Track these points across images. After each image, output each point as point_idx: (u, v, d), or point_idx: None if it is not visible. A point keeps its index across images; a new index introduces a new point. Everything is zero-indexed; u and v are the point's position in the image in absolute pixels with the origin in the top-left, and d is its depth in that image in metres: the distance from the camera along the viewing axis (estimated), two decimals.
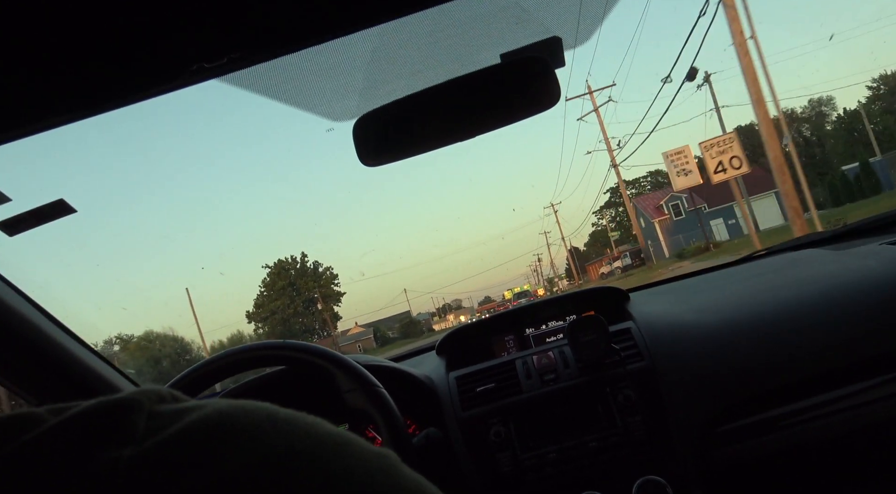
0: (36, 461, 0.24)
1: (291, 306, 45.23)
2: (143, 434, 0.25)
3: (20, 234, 0.91)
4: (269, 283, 46.42)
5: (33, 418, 0.26)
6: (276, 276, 46.35)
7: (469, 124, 0.85)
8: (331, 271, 48.29)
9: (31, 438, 0.25)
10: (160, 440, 0.25)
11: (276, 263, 46.98)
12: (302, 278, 46.76)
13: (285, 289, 45.67)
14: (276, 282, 46.05)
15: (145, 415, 0.26)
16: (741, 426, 1.11)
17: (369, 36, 0.70)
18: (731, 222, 32.24)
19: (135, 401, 0.27)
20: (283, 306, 44.87)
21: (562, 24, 0.92)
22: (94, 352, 1.11)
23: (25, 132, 0.69)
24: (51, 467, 0.24)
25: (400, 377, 1.20)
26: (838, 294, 1.19)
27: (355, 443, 0.28)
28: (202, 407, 0.27)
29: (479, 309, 59.68)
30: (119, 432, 0.25)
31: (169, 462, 0.24)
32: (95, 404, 0.27)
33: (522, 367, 1.25)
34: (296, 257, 48.15)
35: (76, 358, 1.05)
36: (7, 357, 0.96)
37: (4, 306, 0.93)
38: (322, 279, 47.50)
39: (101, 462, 0.24)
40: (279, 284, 45.87)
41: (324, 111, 0.92)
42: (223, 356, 0.99)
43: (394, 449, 0.90)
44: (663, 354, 1.19)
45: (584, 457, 1.11)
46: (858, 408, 1.09)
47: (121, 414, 0.26)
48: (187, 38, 0.59)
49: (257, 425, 0.26)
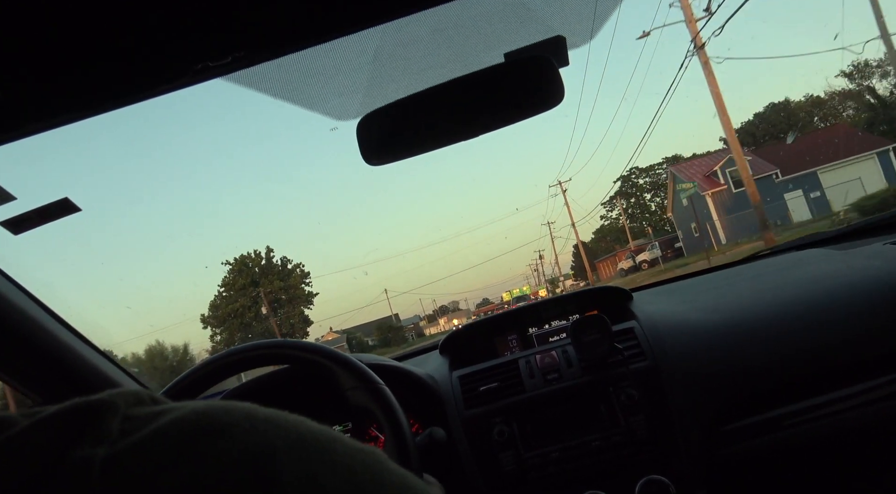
0: (6, 462, 0.24)
1: (253, 309, 38.63)
2: (116, 435, 0.25)
3: (25, 232, 0.92)
4: (228, 281, 39.88)
5: (6, 420, 0.26)
6: (236, 273, 39.87)
7: (472, 123, 0.85)
8: (301, 269, 41.81)
9: (2, 439, 0.25)
10: (134, 440, 0.25)
11: (238, 258, 40.31)
12: (266, 276, 40.17)
13: (246, 289, 39.13)
14: (236, 280, 39.49)
15: (120, 417, 0.26)
16: (745, 425, 1.11)
17: (373, 35, 0.70)
18: (814, 194, 23.19)
19: (110, 403, 0.27)
20: (243, 309, 38.34)
21: (566, 24, 0.92)
22: (99, 351, 1.11)
23: (31, 131, 0.70)
24: (23, 467, 0.24)
25: (403, 376, 1.21)
26: (843, 294, 1.18)
27: (339, 440, 0.28)
28: (179, 408, 0.27)
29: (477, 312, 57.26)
30: (92, 432, 0.25)
31: (143, 461, 0.24)
32: (70, 405, 0.26)
33: (525, 366, 1.25)
34: (260, 253, 40.88)
35: (81, 356, 1.05)
36: (11, 355, 0.96)
37: (9, 304, 0.93)
38: (290, 278, 40.73)
39: (73, 462, 0.23)
40: (239, 282, 39.26)
41: (327, 110, 0.92)
42: (225, 355, 0.99)
43: (396, 448, 0.89)
44: (666, 353, 1.18)
45: (587, 456, 1.11)
46: (863, 407, 1.08)
47: (94, 415, 0.26)
48: (192, 37, 0.59)
49: (234, 424, 0.26)
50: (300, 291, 40.94)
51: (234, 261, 40.18)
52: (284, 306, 40.18)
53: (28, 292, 0.99)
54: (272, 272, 40.44)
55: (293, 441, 0.26)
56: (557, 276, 46.87)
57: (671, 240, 33.28)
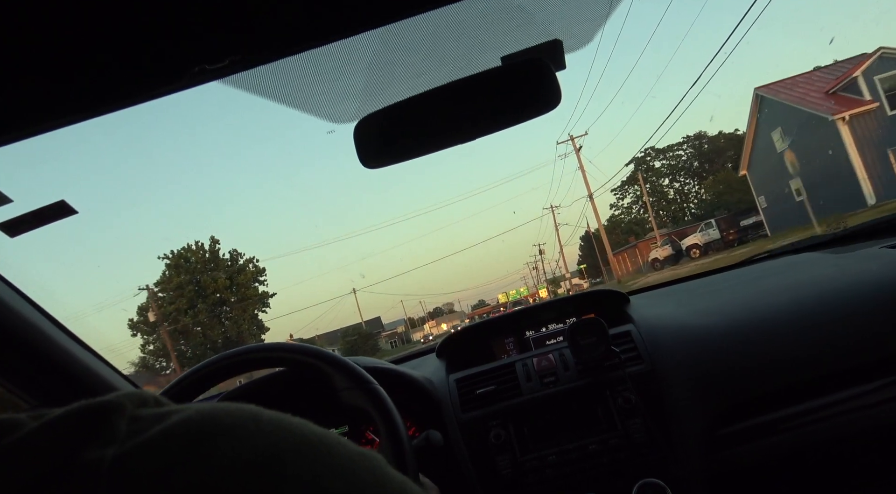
0: (16, 463, 0.24)
1: (191, 313, 30.88)
2: (124, 435, 0.25)
3: (21, 235, 0.92)
4: (163, 279, 31.73)
5: (13, 422, 0.26)
6: (173, 269, 31.86)
7: (470, 127, 0.85)
8: (255, 264, 33.67)
9: (11, 441, 0.25)
10: (142, 441, 0.25)
11: (177, 252, 32.19)
12: (210, 272, 31.90)
13: (184, 288, 31.23)
14: (172, 278, 31.48)
15: (127, 418, 0.26)
16: (742, 428, 1.11)
17: (370, 38, 0.70)
18: None
19: (116, 404, 0.27)
20: (178, 312, 30.69)
21: (563, 27, 0.92)
22: (95, 354, 1.11)
23: (27, 133, 0.70)
24: (32, 468, 0.24)
25: (400, 379, 1.20)
26: (838, 298, 1.19)
27: (341, 444, 0.28)
28: (185, 410, 0.27)
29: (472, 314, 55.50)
30: (101, 433, 0.25)
31: (152, 461, 0.24)
32: (77, 407, 0.27)
33: (522, 369, 1.25)
34: (202, 244, 32.40)
35: (77, 360, 1.05)
36: (7, 358, 0.96)
37: (5, 307, 0.93)
38: (240, 274, 32.86)
39: (83, 463, 0.24)
40: (176, 280, 31.27)
41: (325, 113, 0.92)
42: (220, 358, 0.99)
43: (393, 450, 0.89)
44: (663, 357, 1.19)
45: (584, 460, 1.11)
46: (859, 411, 1.09)
47: (102, 416, 0.26)
48: (189, 40, 0.60)
49: (240, 425, 0.26)
50: (252, 290, 33.43)
51: (172, 254, 32.20)
52: (233, 307, 32.66)
53: (24, 294, 0.99)
54: (218, 267, 32.71)
55: (297, 443, 0.27)
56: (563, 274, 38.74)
57: (735, 217, 24.59)
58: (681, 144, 43.25)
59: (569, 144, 26.19)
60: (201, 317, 30.98)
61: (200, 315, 30.98)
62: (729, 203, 30.06)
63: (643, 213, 44.31)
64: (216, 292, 31.53)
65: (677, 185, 45.06)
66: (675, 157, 43.94)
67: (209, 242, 32.75)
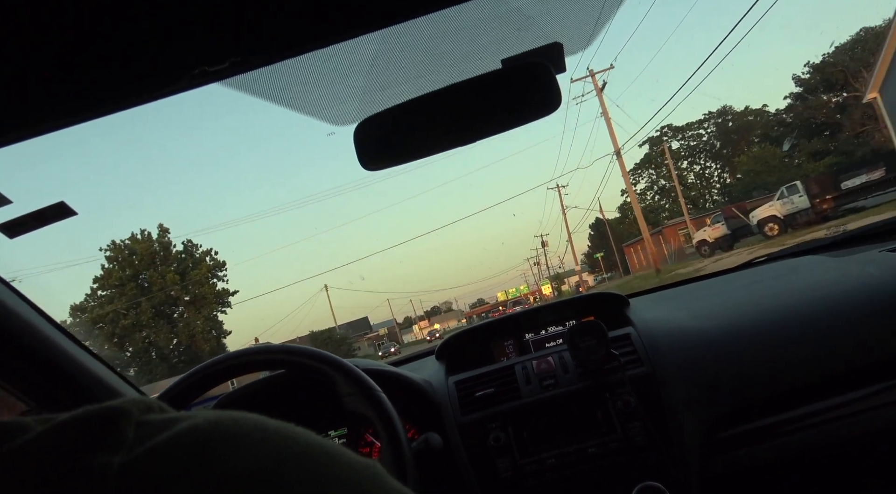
0: (22, 467, 0.24)
1: (132, 314, 25.96)
2: (132, 441, 0.25)
3: (20, 236, 0.91)
4: (103, 275, 26.92)
5: (19, 426, 0.26)
6: (115, 262, 27.14)
7: (469, 129, 0.85)
8: (213, 256, 28.33)
9: (17, 445, 0.25)
10: (150, 447, 0.25)
11: (120, 243, 27.11)
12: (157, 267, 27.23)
13: (125, 285, 26.58)
14: (112, 273, 26.78)
15: (134, 424, 0.27)
16: (741, 432, 1.11)
17: (371, 40, 0.70)
18: None
19: (123, 410, 0.27)
20: (117, 314, 25.86)
21: (563, 30, 0.92)
22: (97, 357, 1.11)
23: (27, 134, 0.69)
24: (38, 473, 0.24)
25: (399, 381, 1.20)
26: (838, 301, 1.19)
27: (343, 454, 0.28)
28: (191, 417, 0.27)
29: (469, 313, 54.45)
30: (108, 439, 0.25)
31: (159, 469, 0.24)
32: (83, 412, 0.27)
33: (522, 372, 1.25)
34: (149, 233, 27.83)
35: (78, 363, 1.05)
36: (6, 360, 0.96)
37: (5, 309, 0.93)
38: (194, 269, 27.93)
39: (90, 468, 0.24)
40: (116, 275, 26.61)
41: (325, 115, 0.92)
42: (222, 359, 0.99)
43: (392, 453, 0.90)
44: (663, 360, 1.19)
45: (584, 463, 1.11)
46: (858, 415, 1.08)
47: (109, 422, 0.26)
48: (189, 41, 0.60)
49: (246, 434, 0.27)
50: (208, 287, 28.25)
51: (113, 246, 27.22)
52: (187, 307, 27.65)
53: (23, 296, 0.99)
54: (168, 260, 27.88)
55: (301, 454, 0.27)
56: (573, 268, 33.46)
57: (832, 177, 17.11)
58: (701, 122, 37.83)
59: (587, 81, 20.30)
60: (144, 318, 26.23)
61: (143, 316, 26.19)
62: (768, 184, 25.86)
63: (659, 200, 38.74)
64: (163, 288, 26.85)
65: (697, 168, 39.47)
66: (695, 136, 38.60)
67: (157, 231, 28.20)
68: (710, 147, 39.20)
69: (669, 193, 36.31)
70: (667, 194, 38.16)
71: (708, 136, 39.17)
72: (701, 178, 40.06)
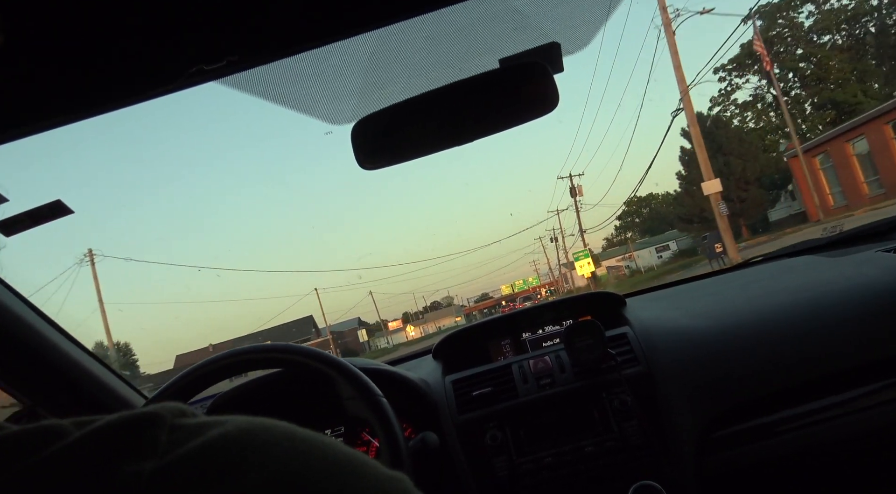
0: (61, 472, 0.25)
1: None
2: (164, 447, 0.26)
3: (16, 235, 0.91)
4: None
5: (58, 430, 0.26)
6: None
7: (467, 128, 0.85)
8: None
9: (57, 449, 0.25)
10: (181, 454, 0.25)
11: None
12: None
13: None
14: None
15: (167, 429, 0.27)
16: (737, 431, 1.11)
17: (368, 40, 0.70)
18: None
19: (157, 415, 0.28)
20: None
21: (561, 30, 0.92)
22: (102, 363, 1.11)
23: (24, 133, 0.69)
24: (75, 478, 0.24)
25: (396, 380, 1.20)
26: (835, 301, 1.19)
27: (370, 465, 0.29)
28: (223, 423, 0.28)
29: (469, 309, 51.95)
30: (142, 445, 0.26)
31: (190, 476, 0.24)
32: (118, 417, 0.27)
33: (519, 371, 1.25)
34: None
35: (83, 368, 1.05)
36: (8, 363, 0.96)
37: (9, 313, 0.93)
38: None
39: (124, 475, 0.24)
40: None
41: (322, 114, 0.92)
42: (221, 357, 0.99)
43: (390, 456, 0.89)
44: (659, 359, 1.19)
45: (580, 462, 1.11)
46: (854, 414, 1.09)
47: (143, 428, 0.27)
48: (187, 40, 0.60)
49: (276, 443, 0.27)
50: None
51: None
52: None
53: (27, 300, 0.99)
54: None
55: (330, 464, 0.27)
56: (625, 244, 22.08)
57: None
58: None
59: None
60: None
61: None
62: None
63: (774, 117, 22.35)
64: None
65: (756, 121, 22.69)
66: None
67: None
68: None
69: (801, 101, 19.37)
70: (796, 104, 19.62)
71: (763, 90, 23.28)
72: (768, 131, 23.35)
